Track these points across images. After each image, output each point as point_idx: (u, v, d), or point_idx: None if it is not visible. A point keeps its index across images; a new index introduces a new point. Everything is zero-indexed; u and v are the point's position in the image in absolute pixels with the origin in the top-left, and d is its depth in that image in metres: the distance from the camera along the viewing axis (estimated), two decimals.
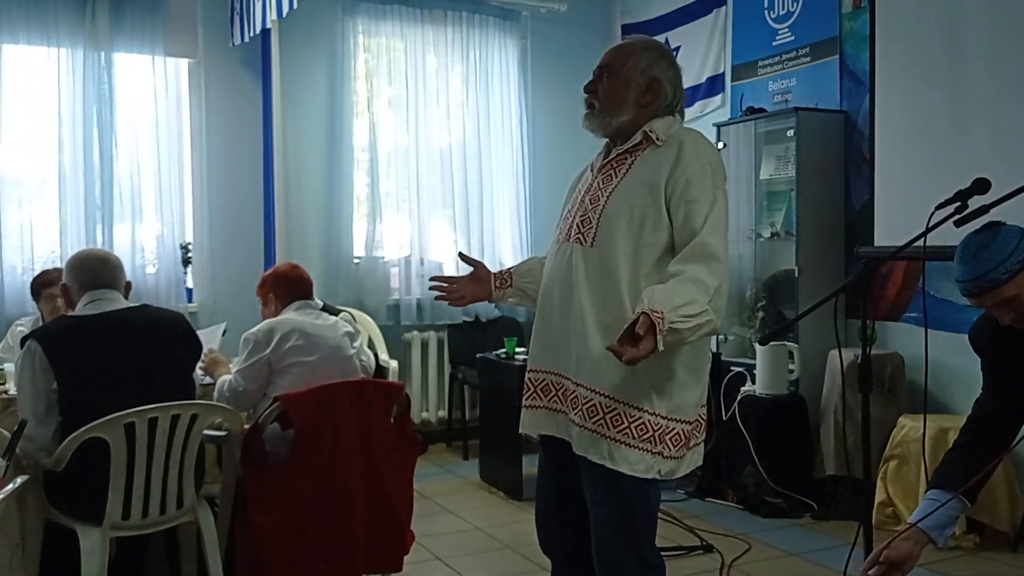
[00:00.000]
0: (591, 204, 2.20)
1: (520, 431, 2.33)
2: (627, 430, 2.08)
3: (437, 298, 2.45)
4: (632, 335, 1.88)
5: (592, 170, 2.30)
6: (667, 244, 2.11)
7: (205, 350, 3.28)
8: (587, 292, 2.15)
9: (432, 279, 2.48)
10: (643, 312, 1.89)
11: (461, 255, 2.48)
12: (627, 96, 2.19)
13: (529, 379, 2.31)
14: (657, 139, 2.16)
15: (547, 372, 2.26)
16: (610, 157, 2.24)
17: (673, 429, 2.12)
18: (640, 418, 2.08)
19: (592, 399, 2.11)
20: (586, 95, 2.26)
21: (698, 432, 2.22)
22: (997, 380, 2.33)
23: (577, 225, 2.21)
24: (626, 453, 2.08)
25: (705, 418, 2.26)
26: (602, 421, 2.09)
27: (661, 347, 1.89)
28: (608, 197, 2.17)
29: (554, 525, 2.33)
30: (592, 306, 2.14)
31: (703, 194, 2.08)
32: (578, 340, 2.15)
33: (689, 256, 2.05)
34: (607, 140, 2.29)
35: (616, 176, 2.19)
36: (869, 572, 2.14)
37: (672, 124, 2.21)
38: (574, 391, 2.16)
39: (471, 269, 2.45)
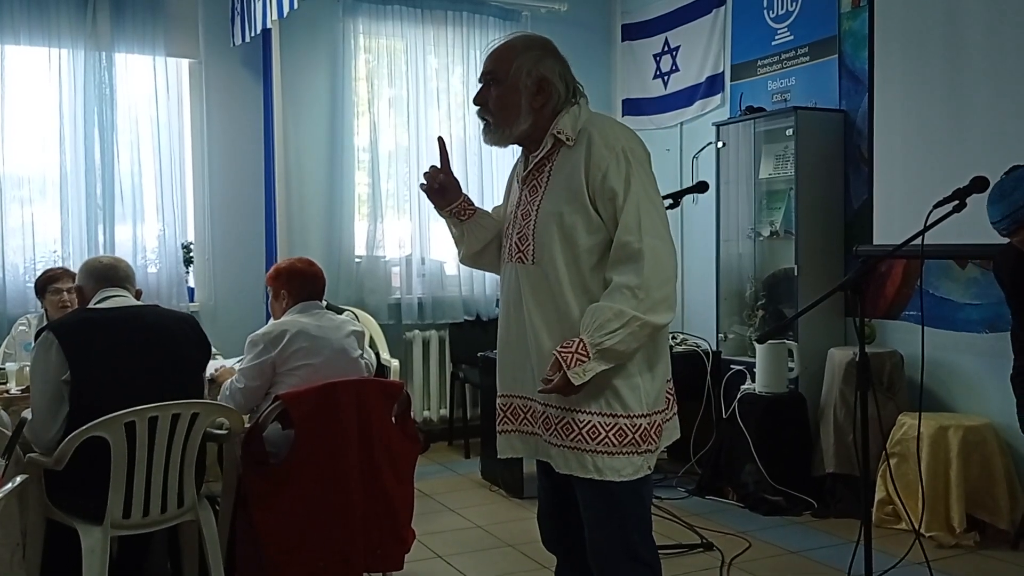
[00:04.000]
0: (523, 219, 2.17)
1: (498, 456, 2.31)
2: (606, 440, 2.06)
3: (425, 174, 2.29)
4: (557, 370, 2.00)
5: (518, 180, 2.25)
6: (606, 243, 2.08)
7: (219, 365, 3.31)
8: (537, 311, 2.13)
9: (440, 140, 2.35)
10: (555, 351, 2.00)
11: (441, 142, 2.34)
12: (518, 103, 2.13)
13: (499, 404, 2.28)
14: (567, 139, 2.11)
15: (513, 396, 2.24)
16: (530, 167, 2.19)
17: (654, 423, 2.12)
18: (617, 424, 2.06)
19: (564, 416, 2.09)
20: (478, 108, 2.19)
21: (668, 410, 2.21)
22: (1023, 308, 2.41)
23: (516, 244, 2.18)
24: (610, 462, 2.06)
25: (671, 390, 2.24)
26: (580, 437, 2.07)
27: (578, 379, 1.96)
28: (537, 210, 2.13)
29: (555, 525, 2.33)
30: (544, 324, 2.12)
31: (619, 186, 2.04)
32: (537, 360, 2.13)
33: (614, 261, 2.04)
34: (522, 147, 2.25)
35: (540, 187, 2.15)
36: None
37: (578, 117, 2.14)
38: (543, 411, 2.14)
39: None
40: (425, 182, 2.29)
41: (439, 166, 2.30)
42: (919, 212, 2.57)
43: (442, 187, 2.28)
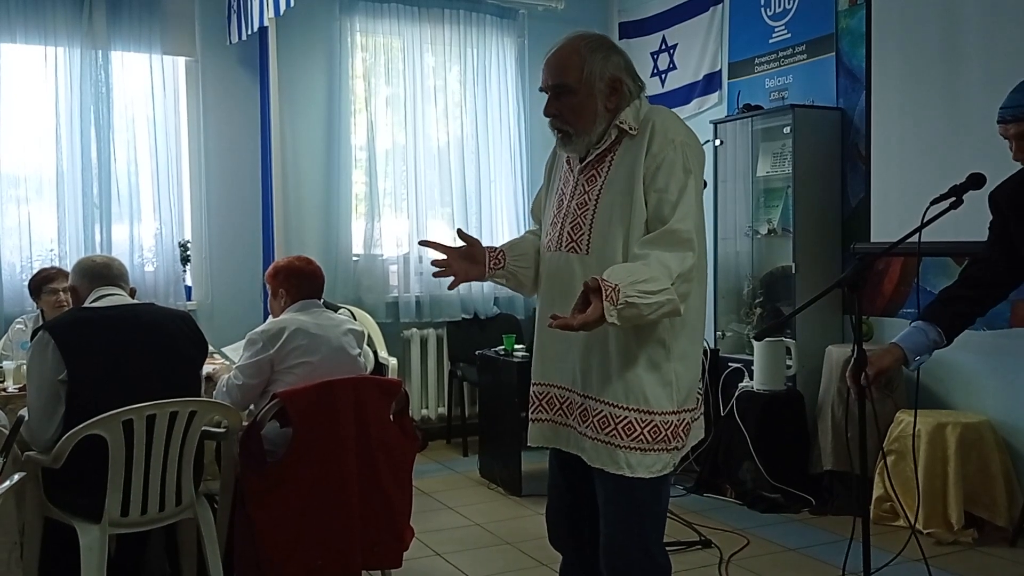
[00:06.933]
0: (579, 209, 2.14)
1: (528, 444, 2.29)
2: (641, 436, 2.05)
3: (436, 275, 2.27)
4: (584, 303, 1.87)
5: (572, 169, 2.21)
6: None
7: (220, 363, 3.31)
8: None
9: (422, 243, 2.32)
10: (594, 278, 1.88)
11: (460, 232, 2.29)
12: (596, 108, 2.10)
13: (534, 392, 2.27)
14: (630, 129, 2.09)
15: (551, 385, 2.23)
16: (589, 158, 2.15)
17: (683, 421, 2.11)
18: (652, 421, 2.06)
19: (602, 410, 2.08)
20: (551, 119, 2.15)
21: (699, 409, 2.20)
22: (1005, 238, 2.48)
23: (568, 233, 2.15)
24: (643, 458, 2.05)
25: (701, 389, 2.22)
26: (615, 432, 2.06)
27: (611, 317, 1.85)
28: (596, 200, 2.11)
29: (565, 521, 2.32)
30: None
31: (672, 181, 2.02)
32: (582, 352, 2.12)
33: (656, 241, 2.00)
34: None
35: (600, 176, 2.13)
36: (852, 379, 2.40)
37: (640, 108, 2.12)
38: (582, 403, 2.13)
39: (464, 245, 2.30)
40: (452, 276, 2.23)
41: (443, 257, 2.23)
42: (916, 209, 2.56)
43: (468, 258, 2.24)
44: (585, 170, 2.17)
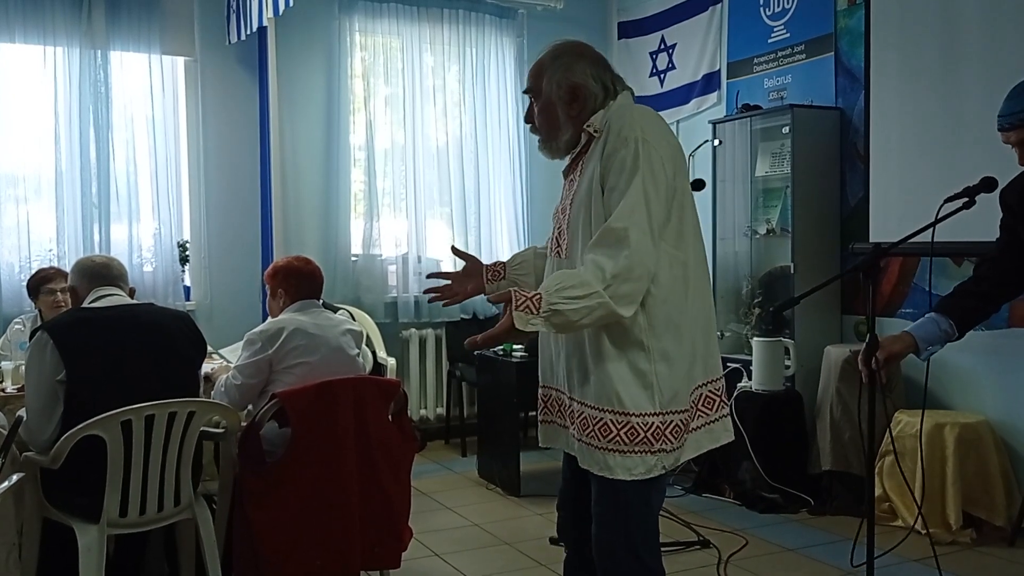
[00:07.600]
0: (562, 214, 2.19)
1: (540, 445, 2.35)
2: (617, 438, 2.04)
3: (431, 300, 2.41)
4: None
5: (564, 176, 2.28)
6: None
7: (220, 364, 3.32)
8: None
9: (430, 276, 2.46)
10: (509, 290, 1.94)
11: (454, 249, 2.43)
12: (557, 115, 2.15)
13: (540, 395, 2.33)
14: (595, 132, 2.11)
15: (549, 388, 2.28)
16: (568, 163, 2.22)
17: (670, 423, 2.06)
18: (628, 423, 2.03)
19: (583, 412, 2.10)
20: (529, 125, 2.24)
21: (706, 410, 2.15)
22: (1015, 237, 2.50)
23: (556, 238, 2.22)
24: (621, 460, 2.04)
25: (718, 391, 2.18)
26: (593, 433, 2.07)
27: (530, 326, 1.90)
28: (571, 205, 2.15)
29: (571, 514, 2.33)
30: None
31: (622, 178, 2.00)
32: (567, 354, 2.15)
33: (596, 242, 1.99)
34: None
35: (575, 181, 2.17)
36: (864, 362, 2.40)
37: (607, 111, 2.12)
38: (570, 405, 2.16)
39: (463, 264, 2.44)
40: (438, 295, 2.38)
41: (443, 283, 2.39)
42: (915, 209, 2.58)
43: (468, 275, 2.37)
44: (567, 174, 2.23)
